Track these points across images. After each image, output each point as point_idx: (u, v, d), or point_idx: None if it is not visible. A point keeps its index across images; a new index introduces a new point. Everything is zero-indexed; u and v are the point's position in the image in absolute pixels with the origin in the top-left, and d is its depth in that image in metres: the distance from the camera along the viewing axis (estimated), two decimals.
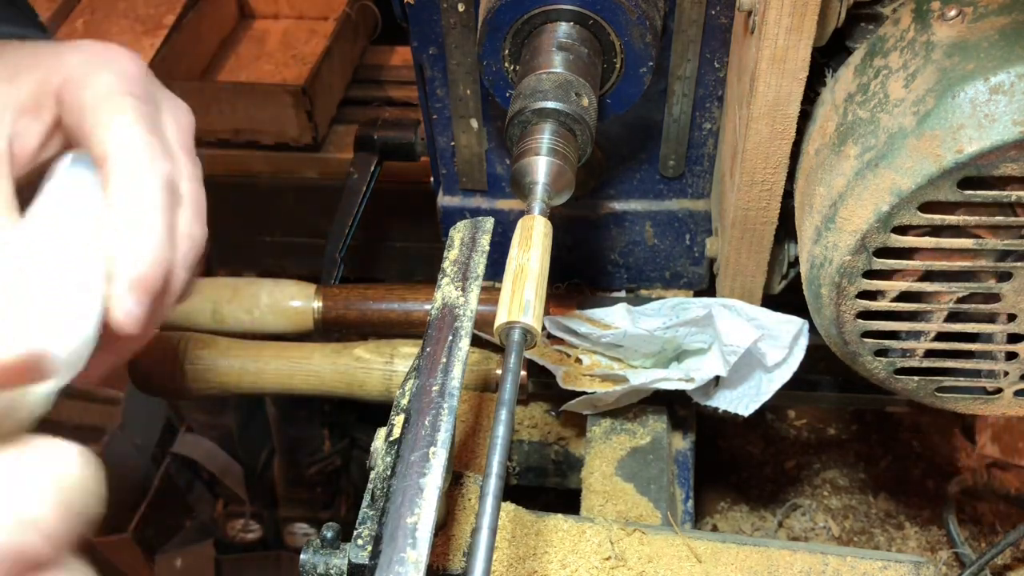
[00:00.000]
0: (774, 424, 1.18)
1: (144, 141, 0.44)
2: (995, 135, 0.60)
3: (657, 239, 1.01)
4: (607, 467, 0.88)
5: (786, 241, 0.88)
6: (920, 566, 0.73)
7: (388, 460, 0.66)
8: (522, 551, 0.72)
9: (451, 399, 0.57)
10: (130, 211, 0.44)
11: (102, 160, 0.44)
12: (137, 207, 0.44)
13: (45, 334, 0.40)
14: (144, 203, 0.44)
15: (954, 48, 0.64)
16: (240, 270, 1.89)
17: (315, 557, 0.64)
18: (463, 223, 0.69)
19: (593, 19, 0.75)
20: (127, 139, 0.44)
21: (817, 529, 1.05)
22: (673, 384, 0.86)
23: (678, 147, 0.94)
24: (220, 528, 1.91)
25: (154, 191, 0.44)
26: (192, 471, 1.97)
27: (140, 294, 0.44)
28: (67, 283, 0.42)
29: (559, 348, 0.93)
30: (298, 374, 0.94)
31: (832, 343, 0.77)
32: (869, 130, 0.68)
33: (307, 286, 1.01)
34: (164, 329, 1.02)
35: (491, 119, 0.94)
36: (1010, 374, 0.74)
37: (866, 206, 0.66)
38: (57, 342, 0.40)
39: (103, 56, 0.47)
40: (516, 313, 0.60)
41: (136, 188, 0.44)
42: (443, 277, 0.65)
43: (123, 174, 0.44)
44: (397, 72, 1.85)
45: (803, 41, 0.68)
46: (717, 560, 0.73)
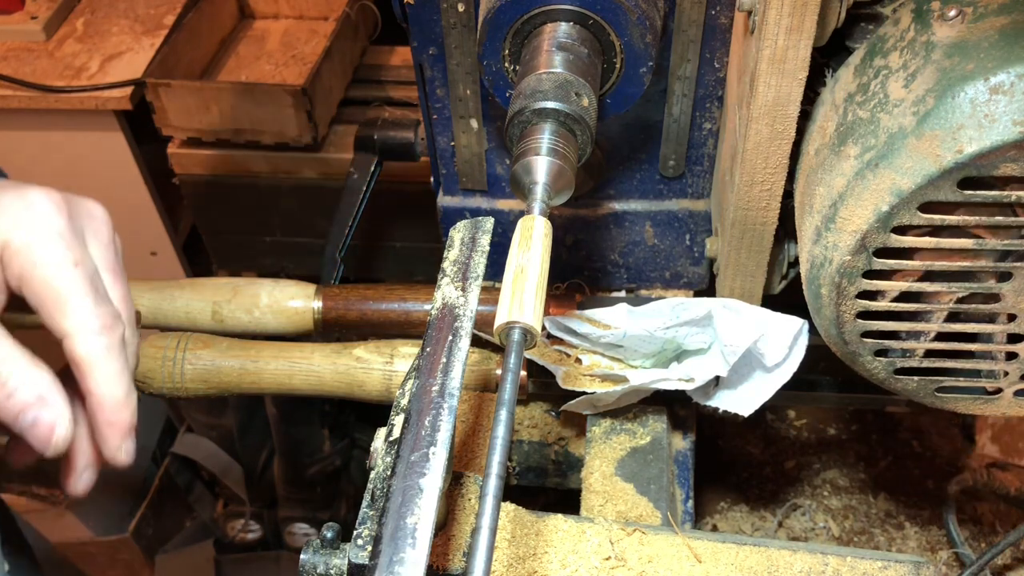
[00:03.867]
0: (774, 424, 1.18)
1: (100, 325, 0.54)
2: (995, 135, 0.60)
3: (657, 239, 1.01)
4: (607, 467, 0.88)
5: (786, 241, 0.88)
6: (920, 566, 0.73)
7: (388, 460, 0.66)
8: (522, 551, 0.72)
9: (451, 399, 0.57)
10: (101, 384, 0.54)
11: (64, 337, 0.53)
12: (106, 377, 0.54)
13: None
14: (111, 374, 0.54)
15: (954, 48, 0.64)
16: (240, 270, 1.90)
17: (315, 557, 0.64)
18: (463, 223, 0.69)
19: (593, 19, 0.75)
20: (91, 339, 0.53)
21: (817, 529, 1.05)
22: (673, 384, 0.86)
23: (678, 147, 0.94)
24: (220, 528, 1.91)
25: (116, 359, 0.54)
26: (192, 471, 1.97)
27: (127, 435, 0.55)
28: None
29: (559, 348, 0.93)
30: (298, 374, 0.94)
31: (832, 343, 0.77)
32: (869, 130, 0.68)
33: (307, 286, 1.01)
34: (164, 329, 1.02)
35: (491, 119, 0.94)
36: (1010, 374, 0.74)
37: (866, 206, 0.66)
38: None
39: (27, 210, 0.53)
40: (516, 313, 0.60)
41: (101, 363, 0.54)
42: (443, 277, 0.65)
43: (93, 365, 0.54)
44: (397, 72, 1.86)
45: (803, 41, 0.68)
46: (717, 560, 0.73)
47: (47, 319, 0.53)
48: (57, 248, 0.53)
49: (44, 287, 0.53)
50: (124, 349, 0.55)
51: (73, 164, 1.83)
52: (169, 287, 1.02)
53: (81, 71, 1.76)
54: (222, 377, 0.95)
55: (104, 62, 1.78)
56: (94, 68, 1.77)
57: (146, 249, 1.96)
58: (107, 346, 0.54)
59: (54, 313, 0.53)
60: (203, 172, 1.76)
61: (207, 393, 0.96)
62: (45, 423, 0.52)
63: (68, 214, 0.55)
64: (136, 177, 1.84)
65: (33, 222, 0.53)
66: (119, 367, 0.54)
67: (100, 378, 0.54)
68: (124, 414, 0.55)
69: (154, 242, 1.95)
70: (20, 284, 0.53)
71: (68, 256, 0.53)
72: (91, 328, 0.53)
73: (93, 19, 1.91)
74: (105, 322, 0.54)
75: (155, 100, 1.66)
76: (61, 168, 1.83)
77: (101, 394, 0.54)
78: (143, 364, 0.96)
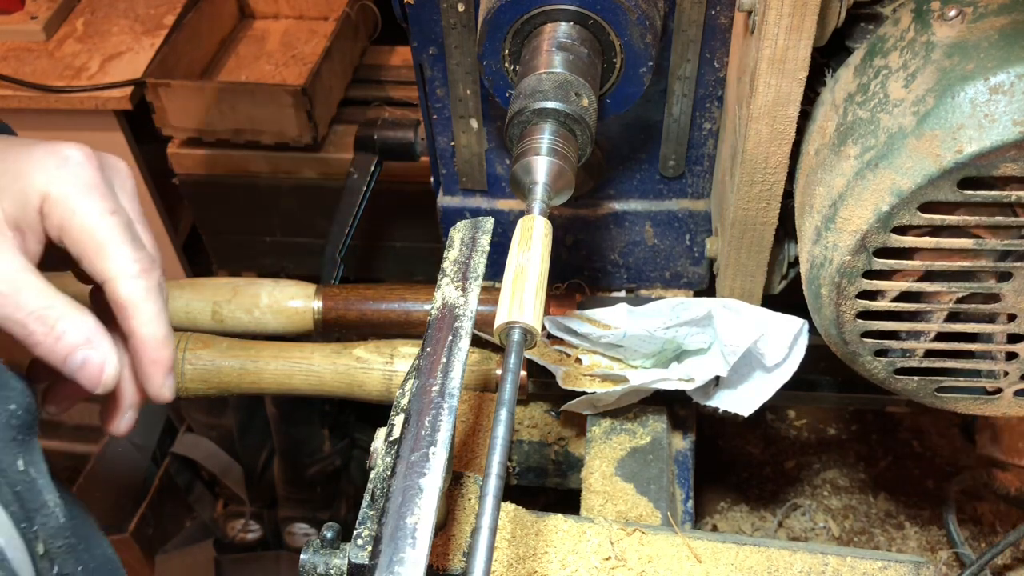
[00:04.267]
0: (774, 424, 1.18)
1: (139, 268, 0.56)
2: (995, 135, 0.60)
3: (657, 239, 1.01)
4: (607, 467, 0.88)
5: (786, 241, 0.88)
6: (920, 566, 0.73)
7: (388, 460, 0.66)
8: (522, 551, 0.72)
9: (451, 399, 0.57)
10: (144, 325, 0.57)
11: (106, 281, 0.56)
12: (148, 318, 0.57)
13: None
14: (153, 314, 0.57)
15: (954, 48, 0.64)
16: (240, 270, 1.90)
17: (315, 557, 0.64)
18: (463, 223, 0.69)
19: (593, 19, 0.75)
20: (132, 282, 0.56)
21: (817, 529, 1.05)
22: (673, 384, 0.86)
23: (678, 147, 0.94)
24: (220, 528, 1.91)
25: (156, 301, 0.57)
26: (192, 471, 1.97)
27: (168, 372, 0.58)
28: None
29: (559, 348, 0.93)
30: (298, 374, 0.94)
31: (832, 343, 0.77)
32: (869, 130, 0.68)
33: (307, 286, 1.01)
34: None
35: (491, 119, 0.94)
36: (1010, 374, 0.74)
37: (866, 206, 0.66)
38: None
39: (63, 164, 0.56)
40: (516, 313, 0.60)
41: (143, 305, 0.57)
42: (443, 277, 0.65)
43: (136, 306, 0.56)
44: (397, 72, 1.85)
45: (803, 41, 0.68)
46: (717, 560, 0.73)
47: (88, 265, 0.56)
48: (93, 198, 0.55)
49: (84, 235, 0.55)
50: (162, 291, 0.58)
51: None
52: (169, 287, 1.02)
53: (81, 71, 1.76)
54: (222, 377, 0.95)
55: (104, 62, 1.78)
56: (94, 68, 1.76)
57: None
58: (147, 288, 0.56)
59: (95, 259, 0.55)
60: (203, 172, 1.76)
61: (207, 393, 0.96)
62: (95, 363, 0.54)
63: (99, 166, 0.57)
64: (136, 177, 1.84)
65: (69, 175, 0.55)
66: (159, 308, 0.57)
67: (143, 319, 0.56)
68: (166, 352, 0.58)
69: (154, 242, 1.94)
70: (60, 234, 0.55)
71: (104, 205, 0.56)
72: (131, 272, 0.56)
73: (93, 19, 1.91)
74: (143, 266, 0.56)
75: (155, 100, 1.66)
76: None
77: (145, 334, 0.56)
78: None
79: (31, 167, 0.55)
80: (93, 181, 0.56)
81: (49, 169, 0.55)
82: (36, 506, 0.53)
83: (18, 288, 0.53)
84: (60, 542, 0.55)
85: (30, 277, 0.54)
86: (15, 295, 0.53)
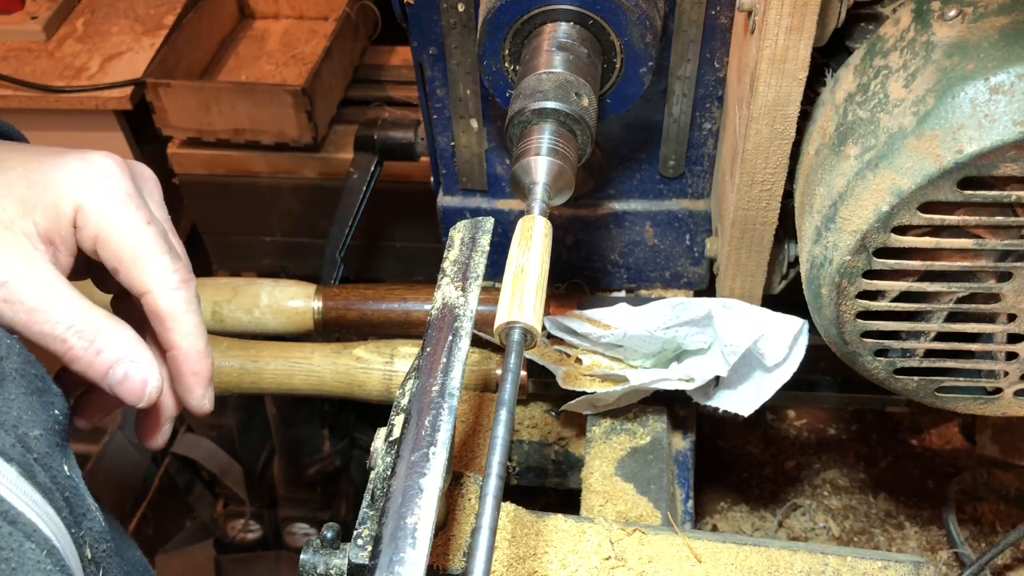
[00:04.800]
0: (774, 424, 1.18)
1: (178, 280, 0.56)
2: (995, 135, 0.60)
3: (657, 239, 1.01)
4: (607, 467, 0.88)
5: (786, 241, 0.88)
6: (920, 566, 0.73)
7: (388, 460, 0.66)
8: (522, 551, 0.72)
9: (451, 399, 0.57)
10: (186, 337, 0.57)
11: (144, 294, 0.56)
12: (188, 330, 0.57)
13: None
14: (192, 326, 0.57)
15: (954, 48, 0.64)
16: (240, 270, 1.90)
17: (315, 557, 0.64)
18: (463, 223, 0.69)
19: (593, 19, 0.75)
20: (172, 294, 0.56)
21: (817, 529, 1.05)
22: (673, 384, 0.86)
23: (678, 147, 0.94)
24: (220, 528, 1.91)
25: (195, 312, 0.57)
26: (192, 471, 1.97)
27: (208, 384, 0.59)
28: None
29: (559, 348, 0.93)
30: (298, 374, 0.94)
31: (832, 343, 0.77)
32: (869, 130, 0.68)
33: (307, 286, 1.01)
34: None
35: (491, 119, 0.94)
36: (1010, 374, 0.74)
37: (866, 206, 0.66)
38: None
39: (95, 174, 0.55)
40: (516, 313, 0.60)
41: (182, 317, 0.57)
42: (443, 277, 0.65)
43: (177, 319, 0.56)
44: (397, 72, 1.85)
45: (803, 41, 0.68)
46: (717, 560, 0.73)
47: (126, 277, 0.55)
48: (129, 209, 0.55)
49: (121, 247, 0.54)
50: (199, 302, 0.58)
51: None
52: None
53: (81, 71, 1.76)
54: (222, 377, 0.95)
55: (104, 62, 1.78)
56: (94, 68, 1.76)
57: None
58: (186, 300, 0.56)
59: (133, 271, 0.55)
60: (203, 172, 1.76)
61: None
62: (137, 377, 0.54)
63: (130, 176, 0.57)
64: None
65: (103, 186, 0.55)
66: (198, 320, 0.57)
67: (185, 331, 0.56)
68: (206, 364, 0.58)
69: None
70: (95, 245, 0.55)
71: (140, 216, 0.55)
72: (171, 284, 0.55)
73: (93, 19, 1.91)
74: (182, 276, 0.56)
75: (155, 100, 1.66)
76: None
77: (186, 347, 0.56)
78: None
79: (63, 178, 0.54)
80: (127, 192, 0.55)
81: (82, 180, 0.55)
82: (83, 511, 0.53)
83: (54, 303, 0.53)
84: (104, 546, 0.54)
85: (65, 291, 0.53)
86: (51, 310, 0.52)
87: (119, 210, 0.55)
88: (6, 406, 0.49)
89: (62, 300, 0.53)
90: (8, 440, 0.48)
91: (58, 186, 0.54)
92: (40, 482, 0.49)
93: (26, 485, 0.48)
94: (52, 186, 0.54)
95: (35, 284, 0.52)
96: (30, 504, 0.47)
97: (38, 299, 0.52)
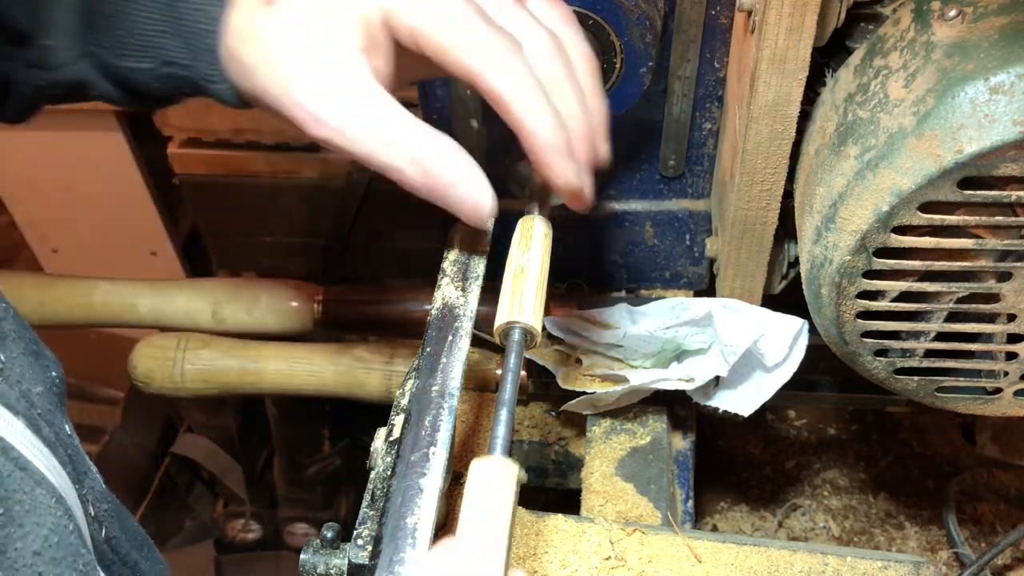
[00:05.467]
0: (774, 424, 1.18)
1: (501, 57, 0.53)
2: (995, 135, 0.60)
3: (657, 239, 1.01)
4: (607, 467, 0.88)
5: (786, 241, 0.88)
6: (920, 566, 0.73)
7: (388, 460, 0.66)
8: (522, 551, 0.72)
9: (451, 399, 0.57)
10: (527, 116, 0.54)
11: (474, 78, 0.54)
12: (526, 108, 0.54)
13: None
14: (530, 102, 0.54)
15: (954, 48, 0.64)
16: (240, 270, 1.90)
17: (315, 557, 0.64)
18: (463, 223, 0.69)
19: (593, 19, 0.75)
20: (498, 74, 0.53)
21: (817, 529, 1.05)
22: (673, 384, 0.86)
23: (678, 147, 0.94)
24: (220, 528, 1.91)
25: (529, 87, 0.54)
26: (192, 471, 1.97)
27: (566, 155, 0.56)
28: None
29: (559, 348, 0.93)
30: (298, 374, 0.95)
31: (832, 343, 0.77)
32: (869, 130, 0.68)
33: (307, 286, 1.01)
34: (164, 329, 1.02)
35: (491, 119, 0.93)
36: (1010, 374, 0.74)
37: (866, 206, 0.66)
38: None
39: None
40: (516, 313, 0.60)
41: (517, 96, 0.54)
42: (443, 277, 0.65)
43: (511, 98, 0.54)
44: None
45: (803, 41, 0.68)
46: (717, 560, 0.73)
47: (451, 66, 0.54)
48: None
49: (439, 32, 0.53)
50: (532, 70, 0.54)
51: (73, 164, 1.83)
52: (169, 287, 1.02)
53: None
54: (222, 377, 0.95)
55: None
56: None
57: (146, 249, 1.95)
58: (514, 76, 0.53)
59: (458, 56, 0.53)
60: (203, 172, 1.76)
61: (207, 393, 0.96)
62: (471, 200, 0.56)
63: None
64: (136, 177, 1.84)
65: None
66: (535, 93, 0.54)
67: (522, 109, 0.54)
68: (560, 135, 0.55)
69: (154, 242, 1.94)
70: (415, 40, 0.54)
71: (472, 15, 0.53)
72: (497, 61, 0.53)
73: None
74: (507, 49, 0.54)
75: None
76: (61, 168, 1.83)
77: (531, 124, 0.54)
78: (143, 364, 0.96)
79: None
80: None
81: None
82: (84, 469, 0.53)
83: (384, 125, 0.53)
84: (105, 506, 0.55)
85: (391, 110, 0.53)
86: (383, 132, 0.53)
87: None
88: (10, 362, 0.50)
89: (389, 121, 0.53)
90: (13, 394, 0.48)
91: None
92: (45, 436, 0.49)
93: (33, 438, 0.48)
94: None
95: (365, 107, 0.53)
96: (37, 455, 0.48)
97: (370, 136, 0.53)
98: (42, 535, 0.45)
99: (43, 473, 0.47)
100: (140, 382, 0.97)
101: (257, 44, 0.55)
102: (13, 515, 0.44)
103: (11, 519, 0.44)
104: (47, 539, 0.45)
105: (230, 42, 0.57)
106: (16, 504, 0.44)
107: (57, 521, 0.46)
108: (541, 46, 0.57)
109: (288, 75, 0.55)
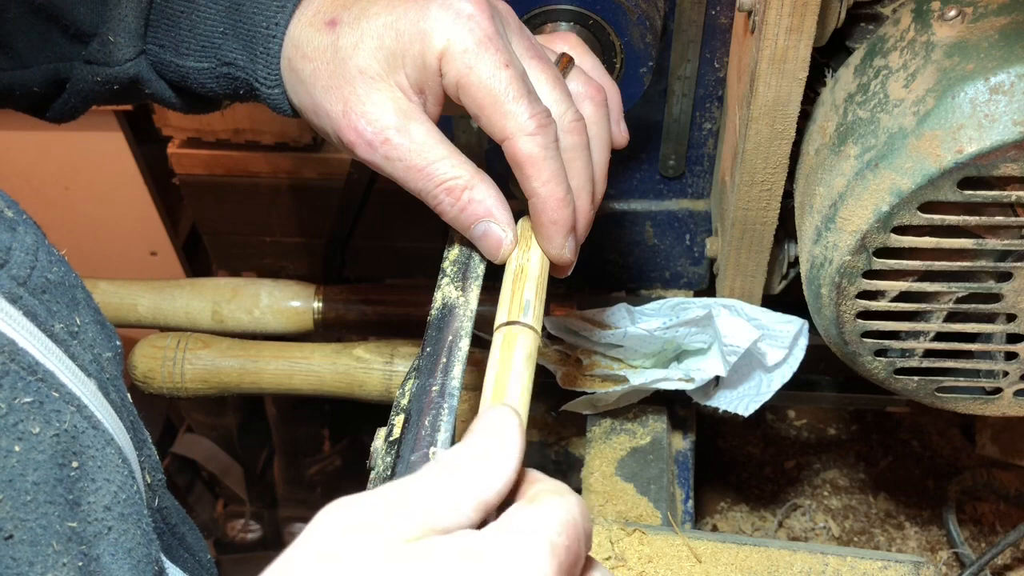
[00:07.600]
0: (774, 424, 1.18)
1: (535, 125, 0.55)
2: (995, 135, 0.60)
3: (657, 239, 1.01)
4: (607, 467, 0.88)
5: (786, 241, 0.88)
6: (920, 566, 0.73)
7: (388, 460, 0.66)
8: None
9: (451, 399, 0.57)
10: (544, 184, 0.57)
11: (504, 139, 0.56)
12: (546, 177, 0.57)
13: None
14: (551, 173, 0.57)
15: (954, 48, 0.64)
16: (240, 270, 1.90)
17: None
18: None
19: (593, 19, 0.75)
20: (529, 140, 0.56)
21: (817, 529, 1.05)
22: (673, 384, 0.86)
23: (678, 147, 0.94)
24: (220, 528, 1.91)
25: (554, 159, 0.57)
26: (192, 471, 1.97)
27: (568, 233, 0.59)
28: None
29: (559, 348, 0.93)
30: (298, 374, 0.94)
31: (832, 343, 0.77)
32: (869, 130, 0.68)
33: (307, 286, 1.01)
34: (164, 329, 1.02)
35: None
36: (1010, 374, 0.74)
37: (866, 206, 0.66)
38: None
39: (458, 17, 0.55)
40: (516, 313, 0.60)
41: (540, 164, 0.57)
42: (443, 277, 0.65)
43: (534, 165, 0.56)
44: None
45: (803, 41, 0.68)
46: (717, 560, 0.73)
47: (486, 123, 0.56)
48: (489, 52, 0.55)
49: (481, 91, 0.55)
50: (558, 147, 0.57)
51: (73, 164, 1.83)
52: (169, 287, 1.02)
53: None
54: (222, 377, 0.95)
55: None
56: None
57: (146, 249, 1.95)
58: (543, 145, 0.56)
59: (493, 116, 0.55)
60: (203, 172, 1.76)
61: (207, 393, 0.96)
62: (494, 236, 0.58)
63: (491, 16, 0.56)
64: (136, 177, 1.84)
65: (464, 29, 0.55)
66: (557, 166, 0.57)
67: (542, 177, 0.56)
68: (565, 213, 0.58)
69: (154, 242, 1.94)
70: (458, 90, 0.56)
71: (499, 59, 0.55)
72: (527, 129, 0.55)
73: None
74: (540, 121, 0.56)
75: None
76: (61, 168, 1.83)
77: (544, 194, 0.57)
78: (143, 364, 0.96)
79: (429, 26, 0.55)
80: (487, 33, 0.55)
81: (444, 26, 0.55)
82: (143, 437, 0.55)
83: (430, 159, 0.56)
84: (159, 476, 0.57)
85: (439, 147, 0.56)
86: (429, 166, 0.56)
87: (479, 55, 0.55)
88: (84, 327, 0.51)
89: (436, 156, 0.56)
90: (87, 356, 0.50)
91: (424, 35, 0.55)
92: (112, 400, 0.51)
93: (103, 400, 0.50)
94: (419, 36, 0.55)
95: (414, 140, 0.56)
96: (107, 416, 0.49)
97: (416, 156, 0.56)
98: (111, 491, 0.47)
99: (112, 434, 0.49)
100: (140, 382, 0.97)
101: (316, 63, 0.58)
102: (87, 470, 0.46)
103: (85, 473, 0.45)
104: (116, 495, 0.47)
105: (289, 53, 0.59)
106: (89, 460, 0.46)
107: (124, 480, 0.48)
108: (569, 125, 0.59)
109: (345, 98, 0.57)
